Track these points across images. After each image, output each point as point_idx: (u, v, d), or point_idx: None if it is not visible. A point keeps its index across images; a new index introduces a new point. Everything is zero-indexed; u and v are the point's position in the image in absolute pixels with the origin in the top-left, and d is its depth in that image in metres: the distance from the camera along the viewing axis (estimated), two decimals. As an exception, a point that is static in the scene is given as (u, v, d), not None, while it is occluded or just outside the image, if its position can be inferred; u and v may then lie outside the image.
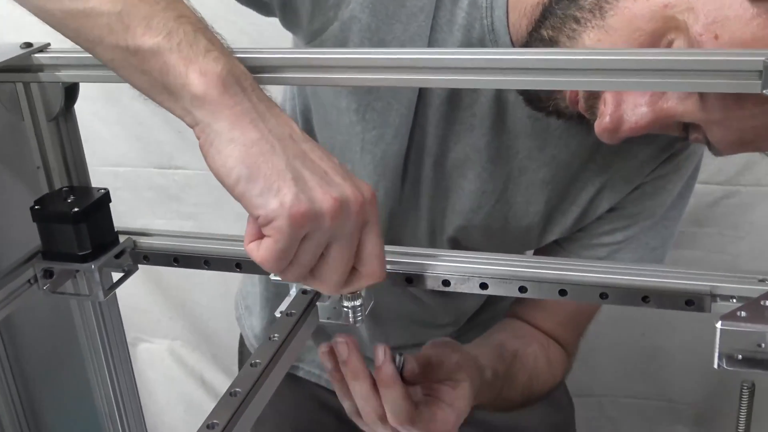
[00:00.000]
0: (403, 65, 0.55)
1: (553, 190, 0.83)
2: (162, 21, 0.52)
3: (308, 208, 0.50)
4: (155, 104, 1.65)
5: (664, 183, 0.84)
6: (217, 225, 1.71)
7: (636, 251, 0.87)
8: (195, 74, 0.51)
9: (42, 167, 0.71)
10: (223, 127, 0.51)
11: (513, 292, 0.61)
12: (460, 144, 0.81)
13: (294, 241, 0.51)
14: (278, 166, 0.50)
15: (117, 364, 0.80)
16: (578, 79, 0.54)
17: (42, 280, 0.69)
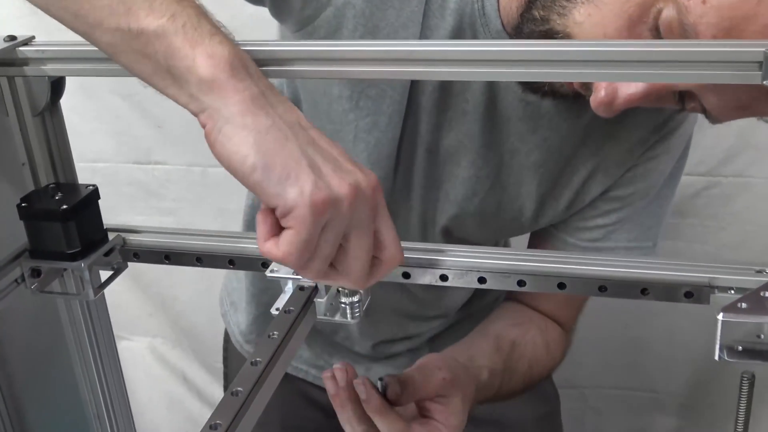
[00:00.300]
0: (415, 57, 0.54)
1: (544, 173, 0.84)
2: (164, 3, 0.51)
3: (328, 195, 0.49)
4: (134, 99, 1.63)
5: (656, 164, 0.85)
6: (198, 220, 1.70)
7: (631, 231, 0.88)
8: (202, 57, 0.49)
9: (27, 163, 0.69)
10: (233, 113, 0.49)
11: (512, 286, 0.61)
12: (453, 131, 0.82)
13: (316, 230, 0.49)
14: (294, 153, 0.49)
15: (105, 363, 0.78)
16: (576, 70, 0.54)
17: (29, 279, 0.68)
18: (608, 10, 0.64)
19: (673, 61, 0.52)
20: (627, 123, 0.82)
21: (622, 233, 0.88)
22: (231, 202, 1.66)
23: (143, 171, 1.68)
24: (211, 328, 1.76)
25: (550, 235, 0.91)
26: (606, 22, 0.64)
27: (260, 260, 0.65)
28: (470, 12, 0.75)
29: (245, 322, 1.09)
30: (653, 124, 0.83)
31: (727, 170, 1.35)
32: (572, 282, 0.60)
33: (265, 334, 0.55)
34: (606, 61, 0.53)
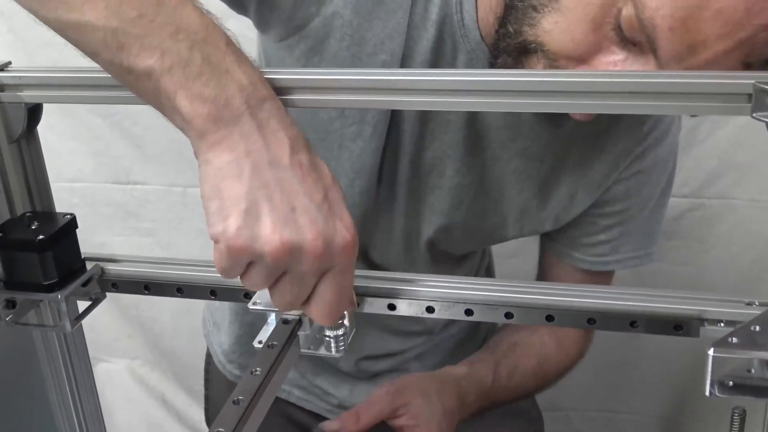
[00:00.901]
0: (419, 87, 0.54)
1: (526, 180, 0.85)
2: (157, 40, 0.51)
3: (245, 245, 0.51)
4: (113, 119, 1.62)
5: (647, 177, 0.87)
6: (177, 241, 1.68)
7: (636, 241, 0.91)
8: (183, 101, 0.51)
9: (2, 191, 0.67)
10: (203, 148, 0.52)
11: (499, 318, 0.60)
12: (437, 142, 0.82)
13: (234, 265, 0.52)
14: (237, 193, 0.51)
15: (82, 393, 0.76)
16: (565, 101, 0.53)
17: (4, 311, 0.65)
18: (573, 16, 0.66)
19: (661, 92, 0.51)
20: (610, 134, 0.84)
21: (628, 245, 0.90)
22: (211, 223, 1.65)
23: (122, 191, 1.66)
24: (191, 350, 1.74)
25: (560, 253, 0.94)
26: (572, 27, 0.66)
27: (242, 291, 0.64)
28: (450, 23, 0.76)
29: (228, 341, 1.07)
30: (636, 135, 0.85)
31: (711, 192, 1.36)
32: (560, 314, 0.59)
33: (248, 370, 0.53)
34: (592, 92, 0.52)
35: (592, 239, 0.90)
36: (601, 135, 0.83)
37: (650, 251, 0.92)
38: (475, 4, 0.75)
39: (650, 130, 0.85)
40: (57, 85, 0.62)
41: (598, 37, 0.65)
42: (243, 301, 0.64)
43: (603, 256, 0.91)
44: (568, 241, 0.92)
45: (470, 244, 0.95)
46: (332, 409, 1.07)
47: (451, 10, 0.76)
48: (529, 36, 0.69)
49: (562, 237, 0.93)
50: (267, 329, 0.60)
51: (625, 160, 0.85)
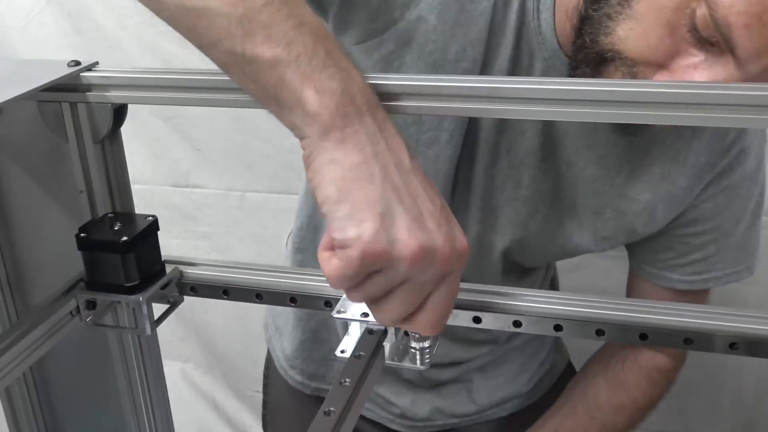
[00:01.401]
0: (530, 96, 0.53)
1: (600, 186, 0.83)
2: (282, 30, 0.50)
3: (384, 250, 0.48)
4: (173, 121, 1.62)
5: (737, 191, 0.85)
6: (233, 245, 1.68)
7: (734, 257, 0.88)
8: (310, 92, 0.49)
9: (85, 191, 0.68)
10: (328, 147, 0.49)
11: (590, 334, 0.58)
12: (512, 151, 0.81)
13: (361, 273, 0.49)
14: (371, 195, 0.48)
15: (154, 397, 0.76)
16: (647, 112, 0.51)
17: (84, 312, 0.66)
18: (647, 21, 0.65)
19: (745, 105, 0.49)
20: (692, 147, 0.82)
21: (725, 261, 0.88)
22: (268, 228, 1.65)
23: (180, 194, 1.67)
24: (243, 354, 1.74)
25: (655, 276, 0.91)
26: (648, 32, 0.65)
27: (323, 299, 0.63)
28: (527, 30, 0.75)
29: (291, 347, 1.07)
30: (719, 148, 0.82)
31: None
32: (655, 333, 0.57)
33: (337, 381, 0.52)
34: (674, 103, 0.50)
35: (687, 259, 0.88)
36: (681, 147, 0.81)
37: (749, 265, 0.89)
38: (552, 12, 0.74)
39: (733, 142, 0.82)
40: (144, 86, 0.61)
41: (674, 40, 0.64)
42: (324, 309, 0.63)
43: (700, 273, 0.88)
44: (661, 264, 0.90)
45: (544, 256, 0.93)
46: (394, 418, 1.05)
47: (529, 17, 0.75)
48: (605, 45, 0.68)
49: (655, 260, 0.90)
50: (349, 339, 0.59)
51: (708, 174, 0.83)
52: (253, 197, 1.63)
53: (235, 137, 1.57)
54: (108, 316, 0.69)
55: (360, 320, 0.59)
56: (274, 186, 1.60)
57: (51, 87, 0.62)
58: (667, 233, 0.87)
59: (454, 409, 1.05)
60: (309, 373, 1.06)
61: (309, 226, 0.98)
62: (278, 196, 1.61)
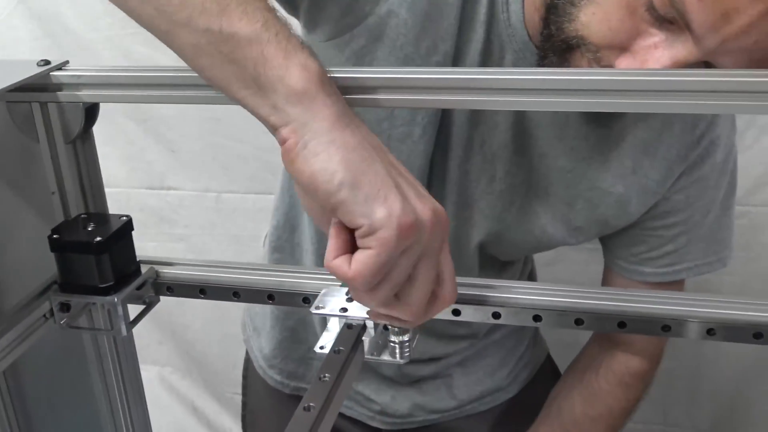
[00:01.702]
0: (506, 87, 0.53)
1: (572, 180, 0.83)
2: (258, 9, 0.49)
3: (414, 220, 0.47)
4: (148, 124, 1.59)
5: (707, 183, 0.85)
6: (210, 247, 1.67)
7: (706, 247, 0.88)
8: (296, 67, 0.48)
9: (57, 192, 0.67)
10: (321, 128, 0.48)
11: (568, 324, 0.58)
12: (486, 145, 0.81)
13: (396, 254, 0.47)
14: (381, 173, 0.47)
15: (131, 399, 0.75)
16: (614, 100, 0.52)
17: (59, 314, 0.65)
18: (607, 4, 0.66)
19: (713, 91, 0.49)
20: (663, 139, 0.82)
21: (697, 252, 0.88)
22: (245, 229, 1.64)
23: (155, 196, 1.65)
24: (222, 357, 1.73)
25: (627, 271, 0.91)
26: (608, 15, 0.65)
27: (301, 295, 0.63)
28: (497, 22, 0.76)
29: (269, 346, 1.06)
30: (689, 140, 0.83)
31: (756, 199, 1.33)
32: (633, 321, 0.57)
33: (316, 376, 0.52)
34: (641, 90, 0.51)
35: (659, 251, 0.88)
36: (652, 140, 0.82)
37: (722, 256, 0.90)
38: (521, 4, 0.75)
39: (703, 134, 0.83)
40: (116, 84, 0.61)
41: (634, 21, 0.65)
42: (302, 306, 0.63)
43: (672, 265, 0.88)
44: (634, 259, 0.90)
45: (520, 249, 0.93)
46: (374, 415, 1.05)
47: (498, 9, 0.75)
48: (570, 32, 0.68)
49: (628, 255, 0.90)
50: (328, 335, 0.59)
51: (680, 166, 0.84)
52: (230, 198, 1.62)
53: (210, 138, 1.56)
54: (83, 318, 0.68)
55: (339, 315, 0.58)
56: (250, 186, 1.60)
57: (20, 87, 0.61)
58: (640, 226, 0.87)
59: (435, 404, 1.05)
60: (288, 373, 1.05)
61: (285, 225, 0.97)
62: (255, 196, 1.60)
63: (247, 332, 1.13)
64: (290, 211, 0.96)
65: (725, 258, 0.90)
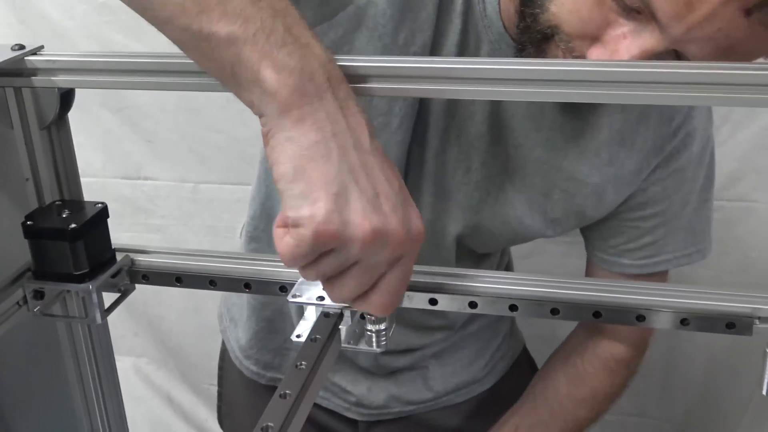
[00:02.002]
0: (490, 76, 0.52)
1: (548, 171, 0.84)
2: (239, 5, 0.48)
3: (337, 230, 0.48)
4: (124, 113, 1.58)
5: (683, 174, 0.86)
6: (187, 238, 1.66)
7: (685, 239, 0.89)
8: (268, 71, 0.48)
9: (32, 179, 0.66)
10: (286, 125, 0.49)
11: (545, 314, 0.58)
12: (462, 136, 0.82)
13: (314, 252, 0.49)
14: (327, 175, 0.48)
15: (105, 388, 0.75)
16: (594, 91, 0.52)
17: (32, 302, 0.64)
18: None
19: (687, 83, 0.50)
20: (639, 130, 0.83)
21: (675, 243, 0.89)
22: (222, 220, 1.63)
23: (131, 186, 1.64)
24: (198, 348, 1.72)
25: (607, 263, 0.92)
26: (578, 6, 0.66)
27: (278, 284, 0.62)
28: (473, 13, 0.76)
29: (245, 337, 1.06)
30: (665, 132, 0.84)
31: (730, 194, 1.34)
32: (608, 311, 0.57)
33: (292, 364, 0.52)
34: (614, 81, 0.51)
35: (638, 243, 0.89)
36: (628, 131, 0.83)
37: (702, 248, 0.91)
38: None
39: (679, 126, 0.84)
40: (92, 70, 0.60)
41: (602, 11, 0.65)
42: (279, 295, 0.63)
43: (651, 257, 0.89)
44: (613, 251, 0.91)
45: (497, 241, 0.94)
46: (350, 407, 1.05)
47: (474, 1, 0.76)
48: (544, 22, 0.69)
49: (607, 247, 0.91)
50: (305, 324, 0.59)
51: (656, 158, 0.84)
52: (207, 189, 1.61)
53: (187, 128, 1.55)
54: (57, 306, 0.67)
55: (316, 304, 0.58)
56: (227, 177, 1.59)
57: (-7, 72, 0.60)
58: (618, 217, 0.88)
59: (411, 396, 1.06)
60: (264, 363, 1.05)
61: (262, 215, 0.97)
62: (232, 187, 1.59)
63: (223, 323, 1.12)
64: (266, 201, 0.96)
65: (705, 250, 0.91)
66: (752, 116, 1.28)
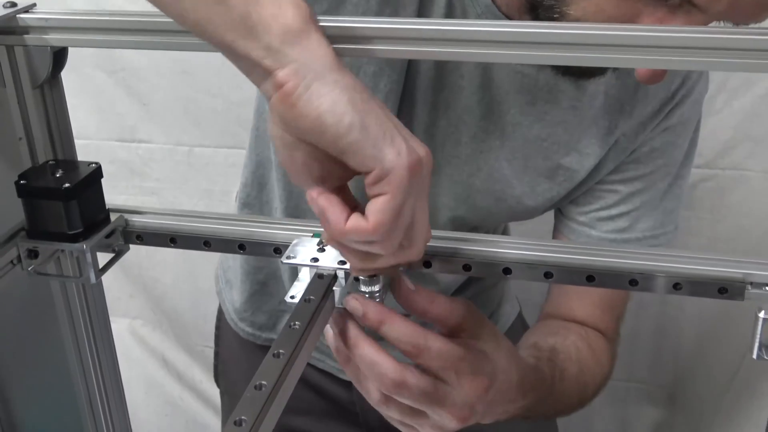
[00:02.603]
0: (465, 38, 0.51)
1: (549, 147, 0.82)
2: None
3: (418, 157, 0.46)
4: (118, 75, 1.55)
5: (674, 137, 0.85)
6: (181, 201, 1.66)
7: (656, 217, 0.87)
8: (289, 5, 0.45)
9: (25, 138, 0.66)
10: (323, 67, 0.45)
11: (538, 277, 0.58)
12: (450, 109, 0.80)
13: (408, 195, 0.47)
14: (381, 114, 0.46)
15: (100, 348, 0.75)
16: (607, 55, 0.51)
17: (26, 261, 0.64)
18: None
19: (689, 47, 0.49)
20: (639, 97, 0.82)
21: (648, 219, 0.87)
22: (216, 184, 1.63)
23: (126, 149, 1.63)
24: (192, 310, 1.73)
25: (572, 231, 0.90)
26: (601, 6, 0.63)
27: (272, 245, 0.62)
28: None
29: (240, 299, 1.06)
30: (665, 96, 0.83)
31: (724, 162, 1.34)
32: (601, 275, 0.57)
33: (286, 324, 0.52)
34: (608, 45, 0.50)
35: (611, 211, 0.87)
36: (627, 99, 0.82)
37: (668, 230, 0.88)
38: None
39: (677, 89, 0.83)
40: (85, 28, 0.60)
41: (629, 3, 0.63)
42: (273, 256, 0.63)
43: (621, 231, 0.87)
44: (584, 219, 0.89)
45: (493, 218, 0.92)
46: (344, 370, 1.06)
47: None
48: None
49: (578, 214, 0.89)
50: (299, 285, 0.59)
51: (653, 122, 0.84)
52: (202, 152, 1.60)
53: (182, 91, 1.54)
54: (51, 265, 0.67)
55: (310, 265, 0.58)
56: (222, 141, 1.58)
57: (-15, 29, 0.60)
58: (600, 181, 0.87)
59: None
60: (259, 325, 1.06)
61: (253, 183, 0.96)
62: (227, 151, 1.59)
63: (219, 285, 1.13)
64: (257, 170, 0.95)
65: (670, 233, 0.89)
66: (748, 84, 1.28)
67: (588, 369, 0.84)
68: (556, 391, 0.75)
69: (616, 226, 0.88)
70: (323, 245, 0.60)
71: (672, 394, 1.59)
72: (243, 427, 0.43)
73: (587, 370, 0.84)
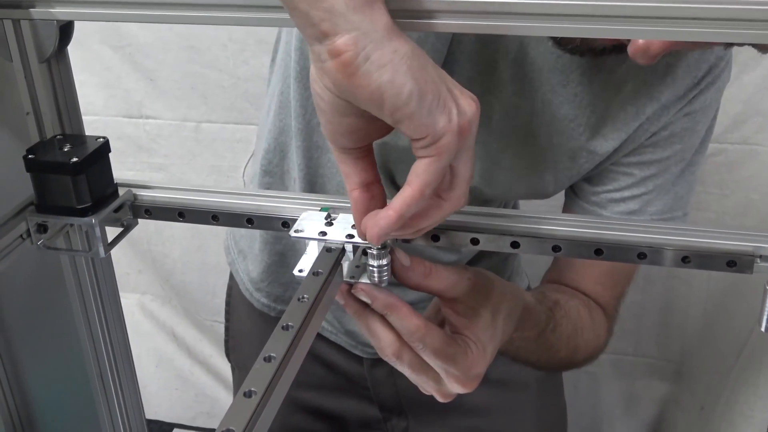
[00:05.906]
0: None
1: (575, 128, 0.82)
2: None
3: (467, 120, 0.47)
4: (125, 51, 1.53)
5: (693, 123, 0.84)
6: (189, 177, 1.67)
7: (667, 201, 0.86)
8: None
9: (32, 113, 0.66)
10: (383, 36, 0.44)
11: (546, 251, 0.58)
12: (485, 83, 0.80)
13: (454, 155, 0.48)
14: (436, 79, 0.46)
15: (110, 322, 0.75)
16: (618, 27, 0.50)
17: (36, 235, 0.64)
18: None
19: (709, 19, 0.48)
20: (667, 81, 0.81)
21: (658, 203, 0.86)
22: (224, 159, 1.63)
23: (134, 125, 1.64)
24: (202, 286, 1.74)
25: (583, 210, 0.90)
26: None
27: (280, 219, 0.63)
28: None
29: (256, 270, 1.05)
30: (691, 82, 0.82)
31: (734, 137, 1.34)
32: (610, 248, 0.57)
33: (295, 297, 0.52)
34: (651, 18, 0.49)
35: (624, 193, 0.87)
36: (656, 83, 0.81)
37: (676, 215, 0.87)
38: None
39: (704, 74, 0.82)
40: (91, 2, 0.59)
41: None
42: (281, 230, 0.63)
43: (631, 214, 0.87)
44: (596, 199, 0.89)
45: (511, 194, 0.92)
46: (356, 344, 1.06)
47: None
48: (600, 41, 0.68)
49: (590, 194, 0.89)
50: (307, 258, 0.59)
51: (675, 106, 0.83)
52: (209, 128, 1.60)
53: (189, 67, 1.54)
54: (60, 239, 0.67)
55: (318, 239, 0.58)
56: (229, 116, 1.58)
57: (-8, 3, 0.59)
58: (616, 162, 0.86)
59: None
60: (275, 296, 1.06)
61: (276, 150, 0.95)
62: (234, 126, 1.59)
63: (231, 255, 1.12)
64: (280, 136, 0.94)
65: (679, 219, 0.88)
66: (758, 59, 1.27)
67: (583, 332, 0.86)
68: (546, 339, 0.78)
69: (627, 208, 0.87)
70: (332, 219, 0.60)
71: (679, 368, 1.59)
72: (253, 398, 0.43)
73: (582, 333, 0.86)
